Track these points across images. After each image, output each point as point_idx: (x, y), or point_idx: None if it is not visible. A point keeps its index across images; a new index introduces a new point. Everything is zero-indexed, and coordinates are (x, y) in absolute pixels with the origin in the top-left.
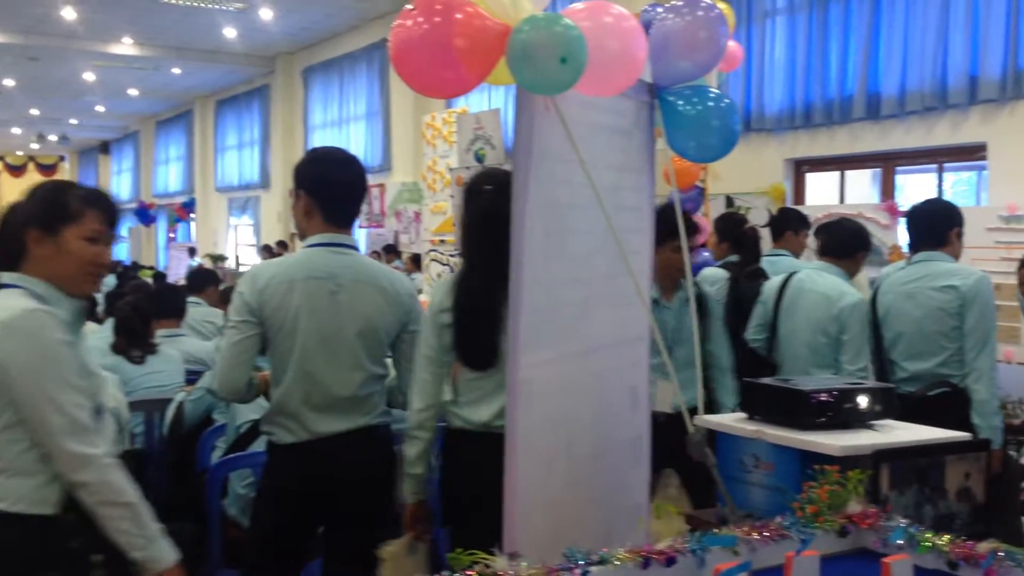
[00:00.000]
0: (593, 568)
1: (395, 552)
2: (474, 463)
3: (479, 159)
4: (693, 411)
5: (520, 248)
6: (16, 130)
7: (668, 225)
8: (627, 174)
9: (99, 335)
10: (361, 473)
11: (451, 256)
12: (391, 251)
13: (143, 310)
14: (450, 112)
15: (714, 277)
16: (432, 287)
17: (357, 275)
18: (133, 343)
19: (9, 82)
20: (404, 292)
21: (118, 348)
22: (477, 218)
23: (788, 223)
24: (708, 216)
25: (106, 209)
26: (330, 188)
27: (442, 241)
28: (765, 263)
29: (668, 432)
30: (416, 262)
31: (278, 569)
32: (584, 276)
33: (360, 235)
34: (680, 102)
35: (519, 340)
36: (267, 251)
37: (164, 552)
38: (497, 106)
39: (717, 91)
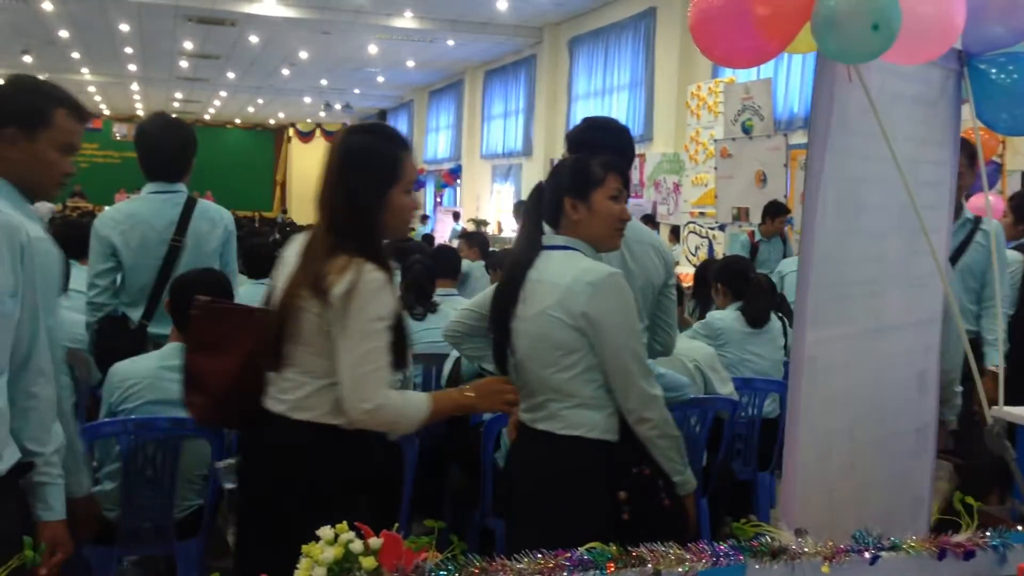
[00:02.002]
0: (884, 553)
1: None
2: None
3: (746, 130)
4: None
5: (812, 223)
6: (307, 99)
7: None
8: (929, 147)
9: None
10: None
11: (710, 229)
12: (649, 221)
13: (431, 269)
14: (717, 82)
15: (1007, 260)
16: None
17: (636, 234)
18: (419, 300)
19: (304, 54)
20: (666, 249)
21: (404, 304)
22: None
23: None
24: (1004, 194)
25: (622, 172)
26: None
27: (701, 214)
28: None
29: None
30: (675, 234)
31: None
32: (877, 254)
33: None
34: (993, 70)
35: (805, 316)
36: None
37: (692, 477)
38: (767, 76)
39: None
